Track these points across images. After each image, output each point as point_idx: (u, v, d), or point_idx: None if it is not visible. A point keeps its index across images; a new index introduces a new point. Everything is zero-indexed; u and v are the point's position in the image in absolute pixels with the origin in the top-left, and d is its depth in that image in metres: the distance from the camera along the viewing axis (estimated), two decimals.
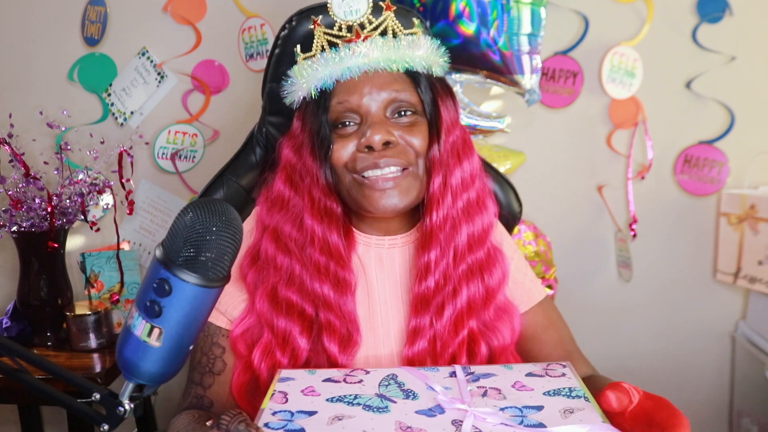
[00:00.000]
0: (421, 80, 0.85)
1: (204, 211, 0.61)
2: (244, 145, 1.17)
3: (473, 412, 0.63)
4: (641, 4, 1.65)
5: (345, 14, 0.85)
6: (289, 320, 0.84)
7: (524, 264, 1.00)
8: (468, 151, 0.89)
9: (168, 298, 0.60)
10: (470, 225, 0.87)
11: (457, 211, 0.86)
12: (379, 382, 0.72)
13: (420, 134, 0.84)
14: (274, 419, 0.64)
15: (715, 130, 1.71)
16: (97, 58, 1.71)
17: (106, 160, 1.60)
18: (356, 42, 0.83)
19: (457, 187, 0.86)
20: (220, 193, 1.15)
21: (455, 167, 0.86)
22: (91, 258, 1.55)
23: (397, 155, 0.83)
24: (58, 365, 0.66)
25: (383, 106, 0.83)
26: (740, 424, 1.79)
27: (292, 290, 0.85)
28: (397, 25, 0.85)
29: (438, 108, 0.86)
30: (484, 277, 0.88)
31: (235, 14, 1.66)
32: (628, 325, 1.82)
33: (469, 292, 0.86)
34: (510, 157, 1.60)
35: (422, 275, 0.85)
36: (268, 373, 0.84)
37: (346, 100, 0.83)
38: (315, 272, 0.85)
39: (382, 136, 0.81)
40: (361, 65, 0.82)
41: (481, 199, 0.90)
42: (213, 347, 0.90)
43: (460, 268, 0.86)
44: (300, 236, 0.86)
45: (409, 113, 0.85)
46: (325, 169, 0.85)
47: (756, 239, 1.62)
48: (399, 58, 0.83)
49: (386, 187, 0.82)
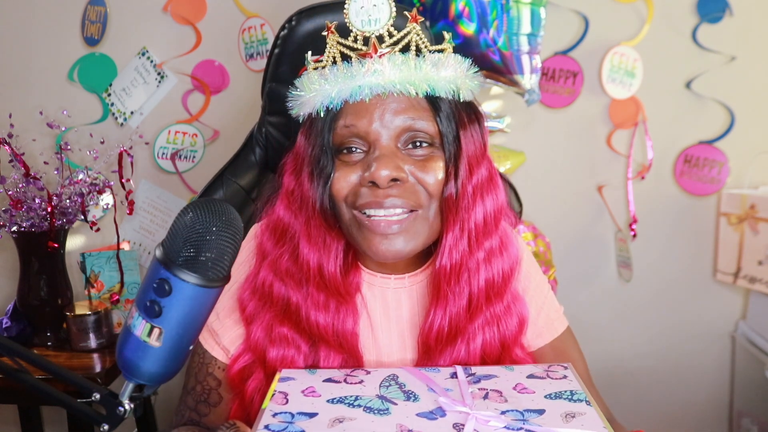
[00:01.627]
0: (442, 107, 0.73)
1: (204, 211, 0.61)
2: (244, 145, 1.17)
3: (475, 415, 0.63)
4: (641, 4, 1.65)
5: (362, 24, 0.72)
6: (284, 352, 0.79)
7: (543, 295, 0.90)
8: (492, 187, 0.78)
9: (168, 298, 0.59)
10: (489, 273, 0.77)
11: (476, 261, 0.76)
12: (379, 382, 0.72)
13: (435, 171, 0.73)
14: (274, 421, 0.63)
15: (715, 130, 1.71)
16: (97, 58, 1.71)
17: (106, 160, 1.60)
18: (372, 57, 0.71)
19: (477, 234, 0.76)
20: (219, 193, 1.15)
21: (475, 209, 0.75)
22: (91, 258, 1.55)
23: (405, 195, 0.72)
24: (58, 365, 0.65)
25: (395, 135, 0.72)
26: (740, 424, 1.79)
27: (288, 326, 0.79)
28: (423, 40, 0.73)
29: (459, 141, 0.74)
30: (500, 327, 0.79)
31: (235, 14, 1.66)
32: (628, 325, 1.82)
33: (484, 342, 0.79)
34: (510, 157, 1.60)
35: (429, 330, 0.78)
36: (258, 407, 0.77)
37: (353, 124, 0.72)
38: (314, 306, 0.78)
39: (390, 171, 0.70)
40: (374, 86, 0.71)
41: (504, 244, 0.80)
42: (208, 378, 0.85)
43: (477, 321, 0.78)
44: (297, 270, 0.78)
45: (425, 145, 0.73)
46: (323, 197, 0.75)
47: (756, 239, 1.62)
48: (420, 80, 0.71)
49: (389, 232, 0.73)
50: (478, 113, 0.79)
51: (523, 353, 0.83)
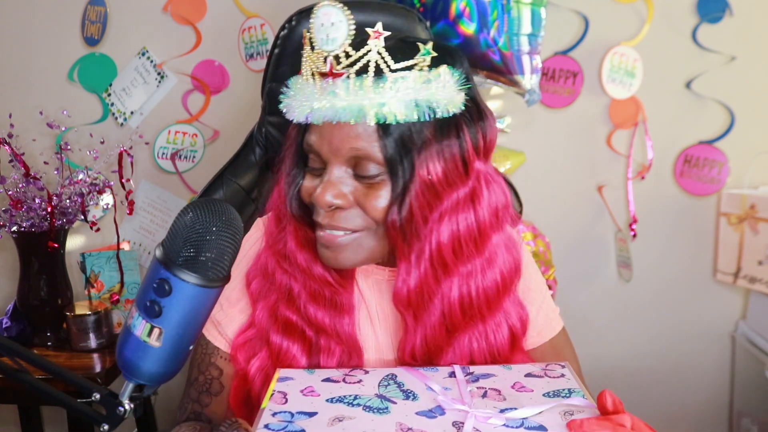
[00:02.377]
0: (393, 132, 0.68)
1: (204, 211, 0.61)
2: (244, 145, 1.17)
3: (474, 413, 0.63)
4: (641, 4, 1.65)
5: (322, 42, 0.68)
6: (287, 338, 0.80)
7: (541, 296, 0.89)
8: (473, 203, 0.74)
9: (168, 298, 0.59)
10: (466, 291, 0.75)
11: (447, 285, 0.74)
12: (378, 382, 0.72)
13: (377, 198, 0.71)
14: (274, 420, 0.63)
15: (715, 130, 1.71)
16: (97, 58, 1.71)
17: (106, 160, 1.60)
18: (327, 79, 0.69)
19: (443, 256, 0.72)
20: (219, 193, 1.15)
21: (436, 233, 0.71)
22: (91, 258, 1.55)
23: (345, 221, 0.72)
24: (58, 365, 0.65)
25: (343, 162, 0.71)
26: (740, 424, 1.79)
27: (291, 310, 0.80)
28: (385, 59, 0.67)
29: (413, 166, 0.69)
30: (487, 340, 0.78)
31: (235, 14, 1.66)
32: (628, 325, 1.82)
33: (471, 351, 0.78)
34: (510, 157, 1.60)
35: (404, 341, 0.78)
36: (260, 387, 0.81)
37: (311, 143, 0.73)
38: (312, 297, 0.79)
39: (330, 199, 0.71)
40: (325, 110, 0.68)
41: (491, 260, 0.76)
42: (210, 368, 0.86)
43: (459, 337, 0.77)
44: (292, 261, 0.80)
45: (373, 171, 0.71)
46: (293, 199, 0.78)
47: (756, 239, 1.62)
48: (371, 106, 0.67)
49: (334, 245, 0.74)
50: (461, 125, 0.72)
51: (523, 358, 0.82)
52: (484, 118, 0.75)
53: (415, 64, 0.69)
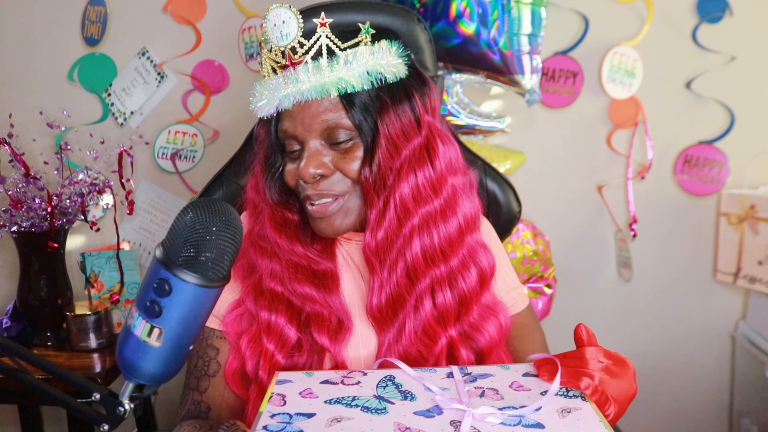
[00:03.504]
0: (356, 102, 0.80)
1: (204, 211, 0.61)
2: (244, 145, 1.17)
3: (471, 412, 0.63)
4: (641, 4, 1.65)
5: (277, 39, 0.80)
6: (275, 312, 0.85)
7: (507, 270, 0.98)
8: (429, 156, 0.84)
9: (168, 298, 0.59)
10: (427, 238, 0.83)
11: (409, 229, 0.82)
12: (376, 383, 0.72)
13: (353, 160, 0.81)
14: (272, 422, 0.64)
15: (715, 130, 1.71)
16: (97, 58, 1.71)
17: (106, 160, 1.60)
18: (289, 69, 0.80)
19: (404, 205, 0.82)
20: (219, 192, 1.15)
21: (401, 184, 0.81)
22: (91, 258, 1.55)
23: (330, 187, 0.82)
24: (58, 365, 0.66)
25: (318, 134, 0.81)
26: (740, 424, 1.79)
27: (275, 282, 0.86)
28: (333, 41, 0.79)
29: (377, 126, 0.81)
30: (456, 283, 0.85)
31: (235, 14, 1.66)
32: (628, 325, 1.82)
33: (437, 302, 0.84)
34: (510, 157, 1.60)
35: (369, 294, 0.85)
36: (253, 360, 0.85)
37: (285, 129, 0.82)
38: (293, 272, 0.85)
39: (313, 169, 0.80)
40: (293, 95, 0.79)
41: (449, 204, 0.85)
42: (208, 349, 0.90)
43: (421, 284, 0.83)
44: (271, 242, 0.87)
45: (345, 138, 0.81)
46: (271, 186, 0.87)
47: (756, 239, 1.62)
48: (330, 81, 0.78)
49: (325, 215, 0.83)
50: (409, 88, 0.83)
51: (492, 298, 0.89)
52: (426, 82, 0.86)
53: (360, 41, 0.80)
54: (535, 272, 1.57)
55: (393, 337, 0.84)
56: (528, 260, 1.56)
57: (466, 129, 1.49)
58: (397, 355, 0.83)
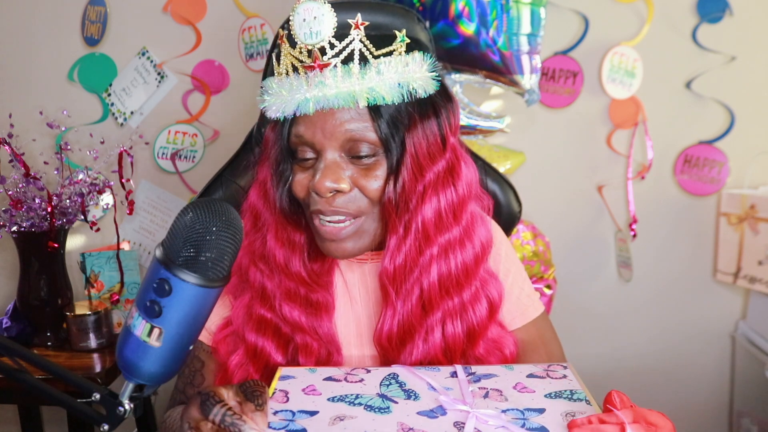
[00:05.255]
0: (384, 114, 0.73)
1: (204, 211, 0.61)
2: (244, 145, 1.17)
3: (475, 413, 0.63)
4: (641, 4, 1.65)
5: (305, 36, 0.72)
6: (262, 336, 0.81)
7: (522, 278, 0.93)
8: (452, 179, 0.78)
9: (168, 298, 0.59)
10: (444, 266, 0.78)
11: (428, 257, 0.77)
12: (380, 381, 0.72)
13: (375, 178, 0.75)
14: (275, 419, 0.63)
15: (715, 130, 1.71)
16: (97, 58, 1.71)
17: (106, 160, 1.60)
18: (314, 70, 0.72)
19: (427, 230, 0.76)
20: (219, 193, 1.15)
21: (423, 207, 0.76)
22: (91, 258, 1.55)
23: (346, 205, 0.75)
24: (58, 365, 0.65)
25: (339, 145, 0.74)
26: (740, 424, 1.79)
27: (265, 308, 0.82)
28: (367, 47, 0.72)
29: (404, 143, 0.75)
30: (466, 315, 0.81)
31: (235, 14, 1.66)
32: (628, 325, 1.82)
33: (445, 334, 0.80)
34: (510, 157, 1.60)
35: (380, 321, 0.80)
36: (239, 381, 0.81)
37: (301, 134, 0.75)
38: (286, 296, 0.81)
39: (330, 183, 0.74)
40: (317, 99, 0.72)
41: (467, 233, 0.80)
42: (194, 360, 0.90)
43: (435, 314, 0.79)
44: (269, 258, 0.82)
45: (368, 153, 0.75)
46: (281, 198, 0.80)
47: (756, 239, 1.62)
48: (361, 91, 0.71)
49: (337, 237, 0.76)
50: (437, 105, 0.78)
51: (499, 331, 0.85)
52: (452, 99, 0.81)
53: (394, 50, 0.74)
54: (536, 273, 1.57)
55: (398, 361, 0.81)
56: (528, 261, 1.56)
57: (466, 129, 1.49)
58: None
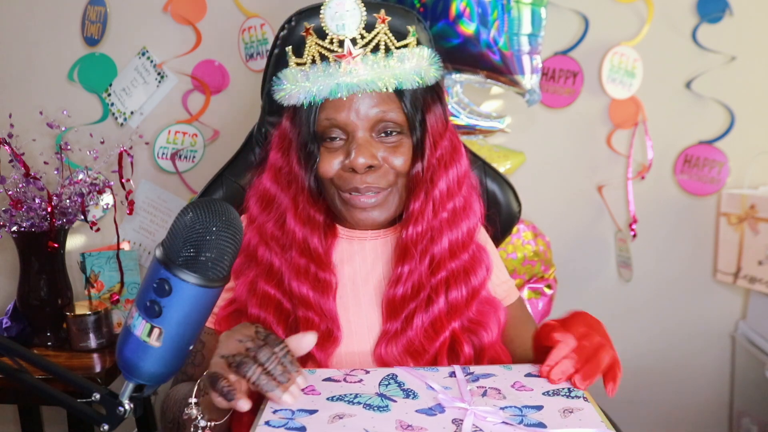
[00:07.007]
0: (408, 97, 0.84)
1: (204, 211, 0.61)
2: (244, 145, 1.17)
3: (473, 411, 0.63)
4: (641, 4, 1.65)
5: (337, 28, 0.81)
6: (264, 311, 0.86)
7: (498, 264, 1.01)
8: (456, 157, 0.89)
9: (168, 298, 0.59)
10: (453, 232, 0.88)
11: (439, 222, 0.87)
12: (379, 381, 0.72)
13: (403, 155, 0.85)
14: (275, 417, 0.64)
15: (715, 130, 1.71)
16: (97, 58, 1.71)
17: (106, 160, 1.60)
18: (346, 59, 0.81)
19: (441, 199, 0.87)
20: (219, 192, 1.15)
21: (440, 179, 0.87)
22: (91, 258, 1.55)
23: (378, 179, 0.84)
24: (58, 365, 0.66)
25: (369, 126, 0.83)
26: (740, 424, 1.79)
27: (270, 284, 0.87)
28: (390, 39, 0.83)
29: (425, 123, 0.86)
30: (468, 279, 0.88)
31: (235, 14, 1.66)
32: (628, 325, 1.82)
33: (450, 297, 0.87)
34: (510, 157, 1.60)
35: (393, 284, 0.87)
36: None
37: (333, 117, 0.83)
38: (295, 273, 0.86)
39: (366, 159, 0.82)
40: (349, 85, 0.81)
41: (468, 203, 0.90)
42: None
43: (439, 276, 0.87)
44: (282, 236, 0.88)
45: (395, 132, 0.84)
46: (310, 177, 0.87)
47: (756, 239, 1.62)
48: (388, 76, 0.81)
49: (367, 206, 0.85)
50: (439, 92, 0.89)
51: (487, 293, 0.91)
52: (443, 89, 0.93)
53: (409, 43, 0.84)
54: (536, 273, 1.57)
55: (400, 327, 0.85)
56: (528, 261, 1.56)
57: (466, 129, 1.49)
58: (399, 344, 0.84)
